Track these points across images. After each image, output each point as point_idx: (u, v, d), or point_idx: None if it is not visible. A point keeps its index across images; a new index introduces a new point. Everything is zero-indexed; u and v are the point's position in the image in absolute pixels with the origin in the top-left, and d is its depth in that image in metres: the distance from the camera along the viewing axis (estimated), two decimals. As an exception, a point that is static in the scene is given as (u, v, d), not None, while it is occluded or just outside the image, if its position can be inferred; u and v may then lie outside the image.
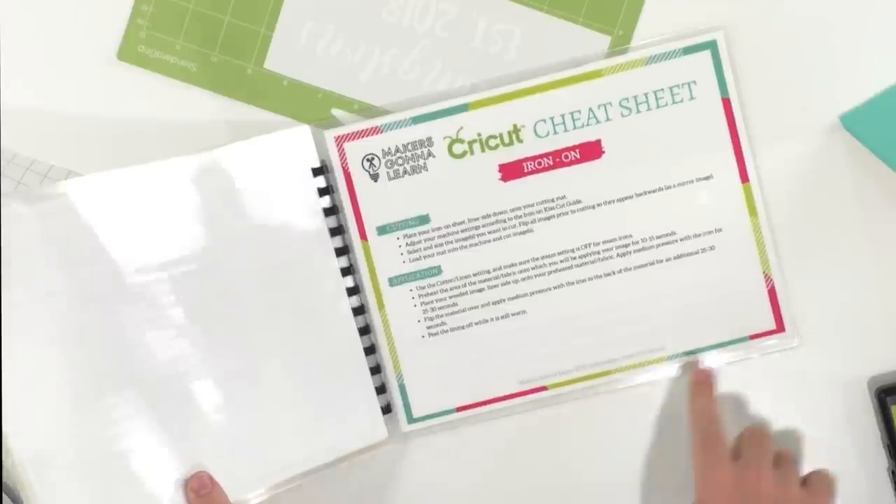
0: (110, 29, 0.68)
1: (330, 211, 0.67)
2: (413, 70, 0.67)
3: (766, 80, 0.67)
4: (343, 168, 0.67)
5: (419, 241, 0.67)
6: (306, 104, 0.68)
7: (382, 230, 0.67)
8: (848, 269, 0.68)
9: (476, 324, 0.68)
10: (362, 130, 0.67)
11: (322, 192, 0.66)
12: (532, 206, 0.67)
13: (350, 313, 0.67)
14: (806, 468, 0.67)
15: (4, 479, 0.67)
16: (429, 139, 0.66)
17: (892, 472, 0.68)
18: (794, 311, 0.67)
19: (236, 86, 0.68)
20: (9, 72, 0.68)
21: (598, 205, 0.67)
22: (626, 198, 0.67)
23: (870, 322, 0.68)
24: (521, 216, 0.67)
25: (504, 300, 0.67)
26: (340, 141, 0.67)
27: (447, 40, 0.67)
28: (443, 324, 0.68)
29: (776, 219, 0.67)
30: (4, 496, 0.66)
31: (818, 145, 0.67)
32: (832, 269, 0.68)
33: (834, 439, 0.68)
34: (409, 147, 0.67)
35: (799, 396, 0.67)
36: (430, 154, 0.67)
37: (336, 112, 0.68)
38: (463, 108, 0.66)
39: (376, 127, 0.67)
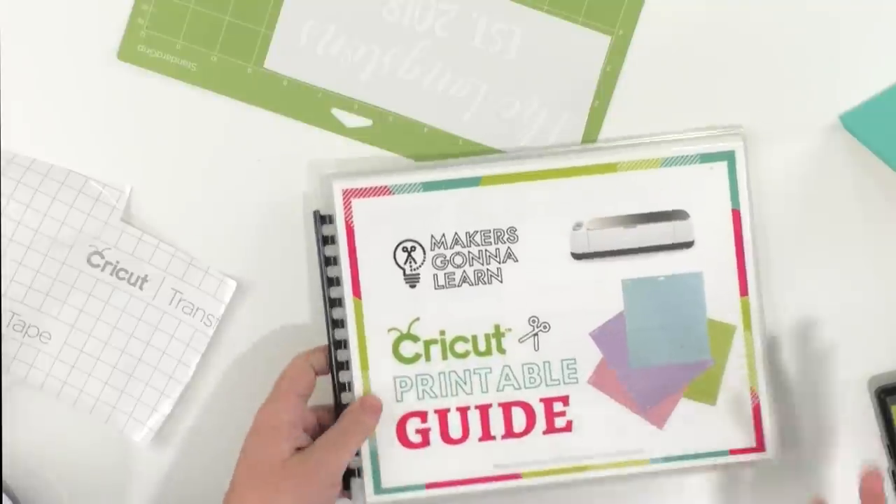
0: (110, 29, 0.68)
1: (328, 261, 0.66)
2: (413, 70, 0.67)
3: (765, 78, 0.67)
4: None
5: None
6: (306, 104, 0.68)
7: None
8: (848, 269, 0.68)
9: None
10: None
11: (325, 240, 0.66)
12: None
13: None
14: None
15: (4, 479, 0.67)
16: None
17: (893, 472, 0.68)
18: (777, 422, 0.66)
19: (236, 86, 0.68)
20: (9, 72, 0.68)
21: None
22: None
23: (870, 322, 0.68)
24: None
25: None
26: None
27: (447, 40, 0.67)
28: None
29: (771, 219, 0.67)
30: (4, 496, 0.66)
31: (818, 145, 0.67)
32: (832, 269, 0.68)
33: (834, 439, 0.68)
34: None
35: (799, 396, 0.67)
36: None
37: (336, 112, 0.68)
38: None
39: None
